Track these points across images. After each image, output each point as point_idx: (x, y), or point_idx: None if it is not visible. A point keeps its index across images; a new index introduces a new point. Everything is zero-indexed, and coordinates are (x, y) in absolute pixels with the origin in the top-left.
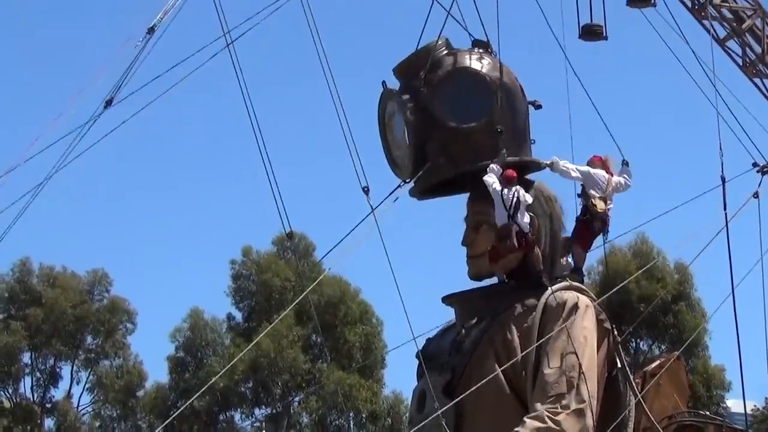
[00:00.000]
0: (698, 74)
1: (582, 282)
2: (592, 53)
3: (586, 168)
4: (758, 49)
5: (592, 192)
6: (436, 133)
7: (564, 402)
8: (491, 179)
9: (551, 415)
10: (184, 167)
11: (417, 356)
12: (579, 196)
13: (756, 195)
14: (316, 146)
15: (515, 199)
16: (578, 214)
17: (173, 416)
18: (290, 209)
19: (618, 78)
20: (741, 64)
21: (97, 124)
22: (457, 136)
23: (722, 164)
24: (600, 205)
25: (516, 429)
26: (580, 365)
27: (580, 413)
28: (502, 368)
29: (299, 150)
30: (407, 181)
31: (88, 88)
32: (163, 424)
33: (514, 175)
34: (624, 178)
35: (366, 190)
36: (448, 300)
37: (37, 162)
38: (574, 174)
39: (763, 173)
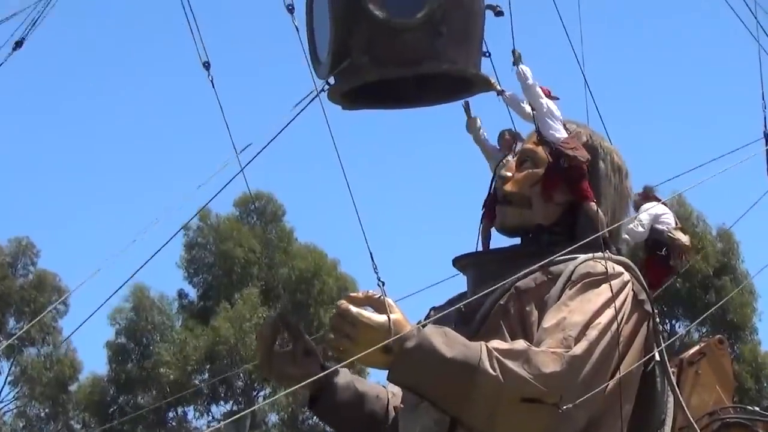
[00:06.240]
0: (739, 6)
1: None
2: None
3: (653, 210)
4: None
5: (662, 227)
6: (362, 25)
7: (548, 347)
8: (528, 75)
9: (527, 346)
10: (123, 114)
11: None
12: (646, 242)
13: None
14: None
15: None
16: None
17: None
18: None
19: (647, 19)
20: None
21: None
22: (386, 31)
23: (765, 117)
24: (684, 237)
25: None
26: (585, 326)
27: (559, 358)
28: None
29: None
30: (327, 81)
31: None
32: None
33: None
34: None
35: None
36: (459, 263)
37: None
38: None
39: None
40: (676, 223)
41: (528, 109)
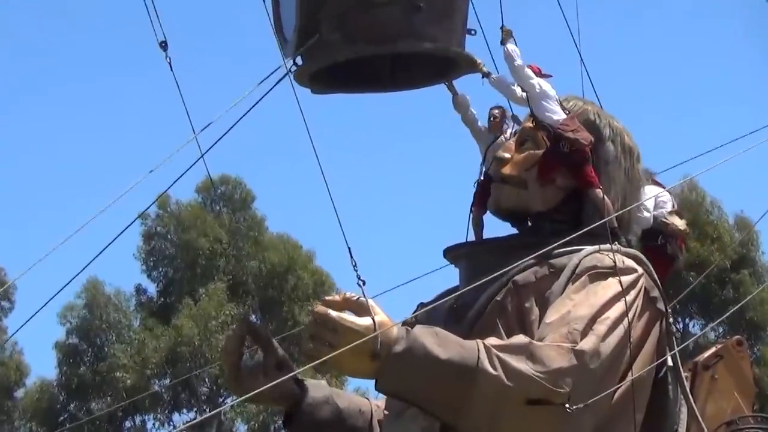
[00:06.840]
0: None
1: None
2: None
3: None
4: None
5: (657, 212)
6: None
7: (551, 341)
8: (515, 55)
9: (528, 340)
10: (76, 95)
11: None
12: (643, 231)
13: None
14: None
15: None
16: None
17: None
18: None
19: None
20: None
21: None
22: (359, 5)
23: None
24: (678, 221)
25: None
26: (592, 319)
27: (566, 353)
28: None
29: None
30: (294, 60)
31: None
32: None
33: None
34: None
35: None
36: (451, 254)
37: None
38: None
39: None
40: (673, 206)
41: (519, 91)
